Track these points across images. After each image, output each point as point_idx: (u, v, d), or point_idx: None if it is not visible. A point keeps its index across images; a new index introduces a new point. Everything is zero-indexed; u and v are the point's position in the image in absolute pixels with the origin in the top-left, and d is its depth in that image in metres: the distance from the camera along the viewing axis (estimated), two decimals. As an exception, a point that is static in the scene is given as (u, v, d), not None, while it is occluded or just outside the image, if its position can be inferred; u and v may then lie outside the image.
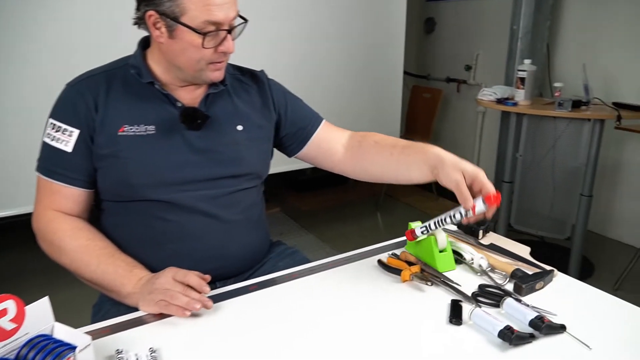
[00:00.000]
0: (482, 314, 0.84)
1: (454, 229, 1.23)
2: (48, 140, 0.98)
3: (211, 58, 0.97)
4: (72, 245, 0.96)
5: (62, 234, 0.97)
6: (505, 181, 2.63)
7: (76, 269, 0.96)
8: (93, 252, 0.95)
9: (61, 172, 0.98)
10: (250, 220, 1.12)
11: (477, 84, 3.82)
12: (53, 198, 0.99)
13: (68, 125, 0.98)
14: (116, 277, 0.93)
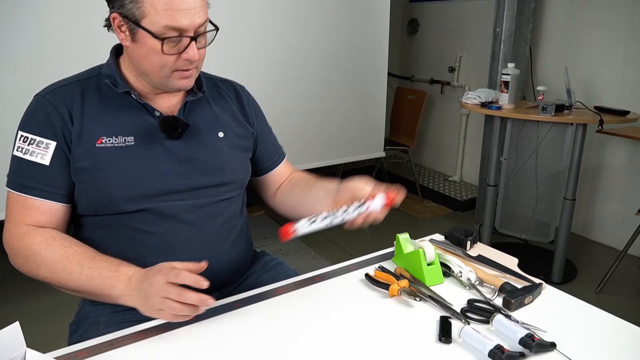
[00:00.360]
0: (471, 332, 0.82)
1: (441, 240, 1.21)
2: (20, 154, 0.93)
3: (175, 65, 0.93)
4: (49, 256, 0.90)
5: (37, 246, 0.91)
6: (490, 185, 2.64)
7: (58, 280, 0.90)
8: (73, 259, 0.89)
9: (38, 186, 0.93)
10: (234, 231, 1.09)
11: (461, 85, 3.84)
12: (27, 213, 0.93)
13: (43, 137, 0.93)
14: (103, 280, 0.87)
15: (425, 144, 4.29)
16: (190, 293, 0.80)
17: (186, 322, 0.88)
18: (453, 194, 3.69)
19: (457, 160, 3.99)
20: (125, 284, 0.86)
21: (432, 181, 3.98)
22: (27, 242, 0.91)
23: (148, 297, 0.82)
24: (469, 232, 1.19)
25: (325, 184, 1.06)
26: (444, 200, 3.71)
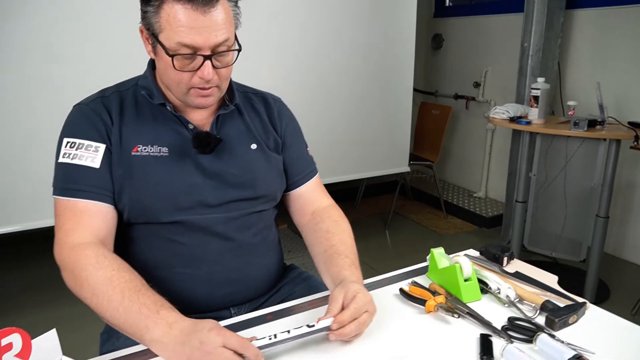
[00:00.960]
0: (515, 351, 0.79)
1: (476, 255, 1.18)
2: (67, 160, 0.92)
3: (191, 83, 0.92)
4: (95, 277, 0.83)
5: (86, 262, 0.85)
6: (519, 201, 2.58)
7: (96, 304, 0.82)
8: (117, 285, 0.82)
9: (89, 189, 0.91)
10: (266, 243, 1.08)
11: (486, 100, 3.80)
12: (78, 219, 0.90)
13: (92, 141, 0.93)
14: (140, 318, 0.78)
15: (449, 159, 4.24)
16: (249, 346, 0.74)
17: (219, 334, 0.86)
18: (478, 210, 3.62)
19: (482, 176, 3.93)
20: (163, 330, 0.77)
21: (457, 197, 3.92)
22: (77, 256, 0.86)
23: (192, 356, 0.73)
24: (505, 248, 1.15)
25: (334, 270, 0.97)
26: (468, 216, 3.64)
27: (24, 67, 2.00)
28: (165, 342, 0.76)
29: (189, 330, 0.76)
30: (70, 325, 1.20)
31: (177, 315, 0.80)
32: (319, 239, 1.06)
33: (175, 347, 0.75)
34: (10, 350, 0.64)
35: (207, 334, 0.73)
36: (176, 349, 0.75)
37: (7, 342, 0.63)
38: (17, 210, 2.09)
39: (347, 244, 1.04)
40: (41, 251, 2.84)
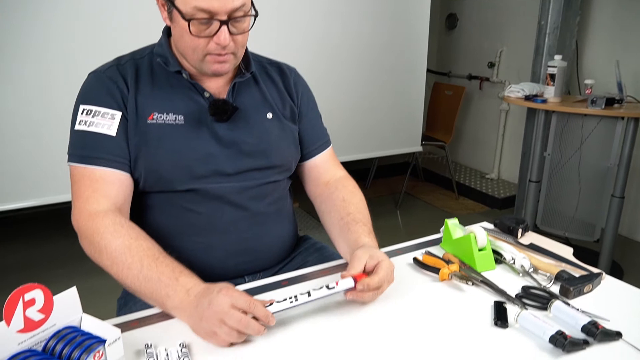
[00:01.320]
0: (530, 317, 0.79)
1: (491, 227, 1.17)
2: (83, 127, 0.92)
3: (207, 49, 0.91)
4: (114, 245, 0.85)
5: (104, 230, 0.86)
6: (533, 181, 2.56)
7: (116, 272, 0.84)
8: (136, 254, 0.84)
9: (106, 156, 0.91)
10: (280, 213, 1.09)
11: (501, 81, 3.74)
12: (96, 187, 0.90)
13: (108, 108, 0.93)
14: (160, 286, 0.80)
15: (462, 140, 4.20)
16: (253, 322, 0.74)
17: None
18: (490, 192, 3.60)
19: (495, 157, 3.89)
20: (182, 296, 0.79)
21: (469, 178, 3.89)
22: (96, 224, 0.87)
23: (203, 317, 0.74)
24: (520, 220, 1.15)
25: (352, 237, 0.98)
26: (480, 197, 3.62)
27: (41, 43, 2.01)
28: (183, 308, 0.79)
29: (202, 293, 0.78)
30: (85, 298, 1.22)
31: (194, 280, 0.81)
32: (334, 207, 1.06)
33: (191, 312, 0.77)
34: (33, 305, 0.65)
35: (216, 295, 0.75)
36: (192, 313, 0.77)
37: (30, 298, 0.64)
38: (33, 185, 2.12)
39: (364, 213, 1.04)
40: (56, 227, 2.89)
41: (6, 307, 0.62)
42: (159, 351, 0.71)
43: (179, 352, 0.71)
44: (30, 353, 0.64)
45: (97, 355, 0.65)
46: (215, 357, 0.73)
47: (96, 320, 0.70)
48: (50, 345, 0.67)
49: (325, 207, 1.09)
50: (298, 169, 1.16)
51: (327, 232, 1.07)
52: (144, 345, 0.73)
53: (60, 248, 2.60)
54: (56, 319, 0.68)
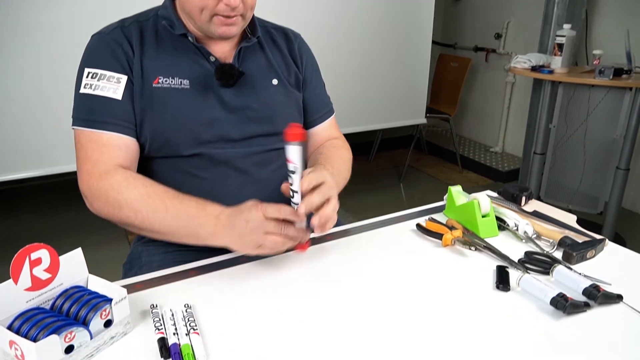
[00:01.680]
0: (532, 280, 0.79)
1: (494, 195, 1.17)
2: (89, 91, 0.91)
3: (216, 9, 0.90)
4: (132, 195, 0.85)
5: (118, 185, 0.86)
6: (537, 153, 2.54)
7: (142, 220, 0.85)
8: (156, 197, 0.85)
9: (112, 121, 0.90)
10: (284, 180, 1.08)
11: (507, 53, 3.69)
12: (103, 151, 0.89)
13: (113, 72, 0.92)
14: (190, 219, 0.83)
15: (466, 113, 4.17)
16: (290, 226, 0.80)
17: (238, 262, 0.89)
18: (494, 165, 3.59)
19: (500, 131, 3.86)
20: (213, 222, 0.82)
21: (473, 151, 3.88)
22: (108, 182, 0.87)
23: (245, 234, 0.79)
24: (524, 188, 1.14)
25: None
26: (484, 170, 3.61)
27: (53, 6, 1.98)
28: (218, 232, 0.82)
29: (233, 214, 0.81)
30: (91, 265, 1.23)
31: (220, 207, 0.85)
32: (312, 159, 1.08)
33: (228, 233, 0.81)
34: (40, 264, 0.66)
35: (248, 213, 0.79)
36: (229, 234, 0.81)
37: (36, 257, 0.65)
38: (39, 155, 2.11)
39: (334, 163, 1.02)
40: (61, 198, 2.91)
41: (13, 265, 0.63)
42: (164, 311, 0.72)
43: (183, 312, 0.72)
44: (38, 310, 0.65)
45: (103, 313, 0.66)
46: (218, 314, 0.74)
47: (102, 281, 0.71)
48: (58, 303, 0.68)
49: (310, 159, 1.11)
50: None
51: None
52: (149, 306, 0.74)
53: (64, 219, 2.63)
54: (63, 278, 0.69)
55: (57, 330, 0.61)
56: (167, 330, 0.68)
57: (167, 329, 0.69)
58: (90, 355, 0.65)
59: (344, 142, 1.16)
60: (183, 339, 0.67)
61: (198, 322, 0.72)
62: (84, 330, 0.63)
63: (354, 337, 0.69)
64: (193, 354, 0.64)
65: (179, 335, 0.67)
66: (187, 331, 0.68)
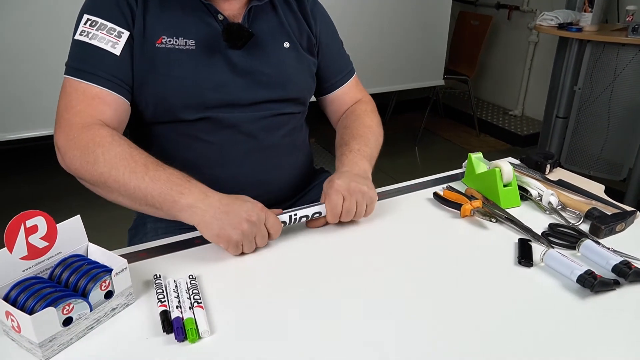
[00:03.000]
0: (557, 255, 0.74)
1: (517, 162, 1.11)
2: (84, 39, 0.84)
3: None
4: (113, 151, 0.77)
5: (101, 139, 0.78)
6: (559, 117, 2.44)
7: (116, 177, 0.76)
8: (139, 159, 0.77)
9: (105, 76, 0.83)
10: (294, 145, 1.03)
11: (531, 10, 3.50)
12: (90, 103, 0.82)
13: (115, 24, 0.85)
14: (171, 185, 0.75)
15: (486, 74, 4.02)
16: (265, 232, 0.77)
17: (246, 230, 0.85)
18: (513, 129, 3.48)
19: (520, 93, 3.73)
20: (199, 196, 0.76)
21: (491, 115, 3.76)
22: (91, 134, 0.79)
23: (236, 223, 0.74)
24: (549, 155, 1.08)
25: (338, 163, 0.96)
26: (502, 135, 3.51)
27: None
28: (203, 207, 0.75)
29: (229, 201, 0.77)
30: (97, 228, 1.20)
31: (206, 187, 0.79)
32: (339, 132, 1.05)
33: (217, 215, 0.74)
34: (36, 232, 0.62)
35: (252, 206, 0.76)
36: (219, 216, 0.74)
37: (32, 224, 0.62)
38: (39, 114, 2.07)
39: (362, 139, 0.99)
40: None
41: (7, 233, 0.59)
42: (168, 282, 0.69)
43: (187, 284, 0.69)
44: (35, 280, 0.62)
45: (103, 284, 0.63)
46: (223, 286, 0.70)
47: (103, 250, 0.68)
48: (56, 272, 0.65)
49: (337, 133, 1.07)
50: (321, 102, 1.12)
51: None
52: (152, 276, 0.71)
53: (68, 181, 2.61)
54: (61, 247, 0.66)
55: (55, 301, 0.58)
56: (170, 303, 0.65)
57: (171, 301, 0.66)
58: (90, 327, 0.62)
59: (368, 102, 1.12)
60: (186, 312, 0.64)
61: (202, 294, 0.69)
62: (83, 302, 0.60)
63: (366, 312, 0.66)
64: (196, 329, 0.61)
65: (182, 309, 0.64)
66: (190, 304, 0.65)
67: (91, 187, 0.82)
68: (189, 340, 0.60)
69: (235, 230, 0.74)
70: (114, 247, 0.74)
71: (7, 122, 2.04)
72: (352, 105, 1.11)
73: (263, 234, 0.77)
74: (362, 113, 1.07)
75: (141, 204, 0.77)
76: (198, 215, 0.75)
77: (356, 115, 1.07)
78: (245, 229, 0.74)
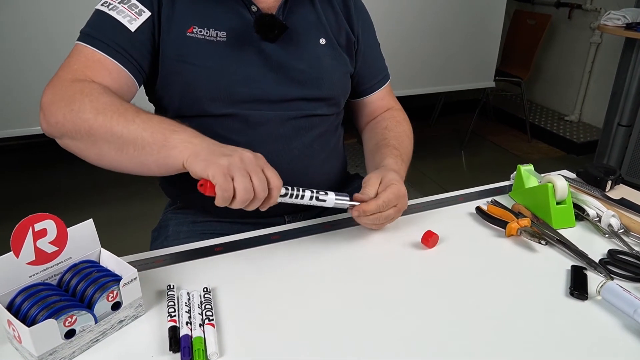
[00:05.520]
0: (617, 289, 0.64)
1: (572, 177, 1.00)
2: (104, 9, 0.81)
3: None
4: (102, 100, 0.72)
5: (91, 90, 0.73)
6: (622, 125, 2.26)
7: (103, 122, 0.69)
8: (130, 107, 0.72)
9: (115, 47, 0.78)
10: (326, 148, 0.98)
11: (595, 9, 3.28)
12: (89, 65, 0.77)
13: (138, 1, 0.81)
14: (164, 125, 0.70)
15: (541, 77, 3.81)
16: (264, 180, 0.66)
17: (271, 241, 0.80)
18: (569, 135, 3.27)
19: (578, 98, 3.50)
20: (192, 133, 0.70)
21: (545, 119, 3.56)
22: (80, 85, 0.74)
23: (228, 148, 0.67)
24: (611, 170, 0.96)
25: (379, 158, 0.92)
26: (556, 141, 3.31)
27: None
28: (196, 142, 0.68)
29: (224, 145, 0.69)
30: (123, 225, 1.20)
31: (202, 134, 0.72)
32: (375, 134, 1.01)
33: (210, 147, 0.68)
34: (45, 236, 0.59)
35: (249, 154, 0.67)
36: (212, 147, 0.68)
37: (41, 228, 0.59)
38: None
39: (402, 141, 0.98)
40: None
41: (13, 237, 0.57)
42: (181, 294, 0.65)
43: (201, 297, 0.65)
44: (42, 287, 0.59)
45: (110, 295, 0.59)
46: (238, 302, 0.65)
47: (114, 257, 0.65)
48: (65, 278, 0.62)
49: (368, 135, 1.04)
50: (352, 104, 1.07)
51: (365, 162, 1.00)
52: (166, 286, 0.67)
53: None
54: (72, 252, 0.63)
55: (58, 312, 0.55)
56: (180, 318, 0.61)
57: (181, 316, 0.61)
58: (95, 340, 0.59)
59: (403, 112, 1.07)
60: (196, 330, 0.59)
61: (215, 309, 0.64)
62: (87, 314, 0.57)
63: (393, 336, 0.59)
64: (204, 350, 0.56)
65: (192, 325, 0.60)
66: (201, 321, 0.60)
67: (73, 143, 0.74)
68: (195, 361, 0.55)
69: (225, 157, 0.65)
70: (140, 245, 0.71)
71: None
72: (386, 111, 1.06)
73: (260, 176, 0.65)
74: (402, 120, 1.04)
75: (129, 150, 0.70)
76: (189, 150, 0.67)
77: (397, 120, 1.04)
78: (236, 159, 0.65)
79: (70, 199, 2.46)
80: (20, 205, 2.38)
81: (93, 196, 2.47)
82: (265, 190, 0.66)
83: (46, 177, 2.78)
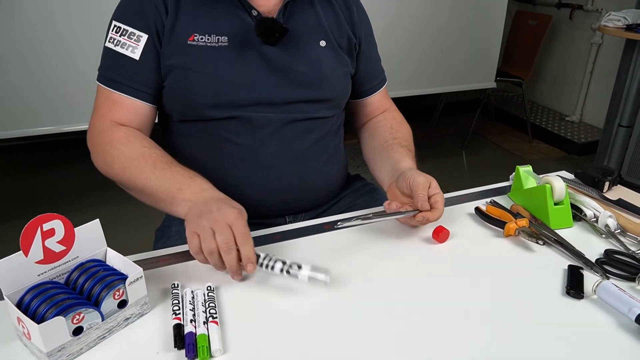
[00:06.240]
0: (613, 288, 0.66)
1: (571, 177, 1.02)
2: (111, 45, 0.87)
3: None
4: (126, 153, 0.83)
5: (117, 141, 0.85)
6: (623, 125, 2.27)
7: (129, 177, 0.82)
8: (149, 159, 0.82)
9: (124, 81, 0.87)
10: (327, 150, 0.99)
11: (596, 9, 3.29)
12: (111, 108, 0.87)
13: (135, 28, 0.86)
14: (173, 182, 0.79)
15: (542, 77, 3.81)
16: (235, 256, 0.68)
17: (272, 241, 0.81)
18: (569, 136, 3.28)
19: (579, 98, 3.51)
20: (195, 191, 0.77)
21: (546, 120, 3.56)
22: (108, 137, 0.85)
23: (203, 215, 0.70)
24: (609, 170, 0.98)
25: (396, 157, 0.94)
26: (557, 141, 3.32)
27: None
28: (193, 200, 0.76)
29: (218, 198, 0.76)
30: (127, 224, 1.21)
31: (210, 184, 0.80)
32: (379, 132, 1.02)
33: (198, 205, 0.74)
34: (53, 236, 0.61)
35: (227, 208, 0.71)
36: (198, 207, 0.74)
37: (49, 228, 0.60)
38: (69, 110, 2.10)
39: (410, 142, 1.00)
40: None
41: (23, 236, 0.58)
42: (185, 292, 0.67)
43: (205, 295, 0.66)
44: (50, 285, 0.61)
45: (116, 293, 0.61)
46: (241, 300, 0.67)
47: (120, 256, 0.66)
48: (73, 277, 0.64)
49: (369, 133, 1.05)
50: (350, 104, 1.09)
51: (365, 157, 1.04)
52: (170, 285, 0.68)
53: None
54: (79, 251, 0.64)
55: (67, 309, 0.57)
56: (184, 316, 0.62)
57: (185, 314, 0.63)
58: (102, 337, 0.60)
59: (400, 113, 1.10)
60: (200, 327, 0.60)
61: (219, 307, 0.65)
62: (94, 311, 0.59)
63: (396, 334, 0.60)
64: (208, 347, 0.58)
65: (196, 323, 0.61)
66: (205, 319, 0.62)
67: (119, 184, 0.88)
68: (199, 358, 0.57)
69: (199, 219, 0.70)
70: (143, 245, 0.73)
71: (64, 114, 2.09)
72: (383, 112, 1.08)
73: (226, 237, 0.68)
74: (402, 121, 1.07)
75: (152, 201, 0.82)
76: (187, 208, 0.76)
77: (399, 122, 1.06)
78: (204, 222, 0.69)
79: (74, 198, 2.49)
80: (25, 205, 2.40)
81: (97, 196, 2.48)
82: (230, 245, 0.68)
83: (51, 177, 2.80)
